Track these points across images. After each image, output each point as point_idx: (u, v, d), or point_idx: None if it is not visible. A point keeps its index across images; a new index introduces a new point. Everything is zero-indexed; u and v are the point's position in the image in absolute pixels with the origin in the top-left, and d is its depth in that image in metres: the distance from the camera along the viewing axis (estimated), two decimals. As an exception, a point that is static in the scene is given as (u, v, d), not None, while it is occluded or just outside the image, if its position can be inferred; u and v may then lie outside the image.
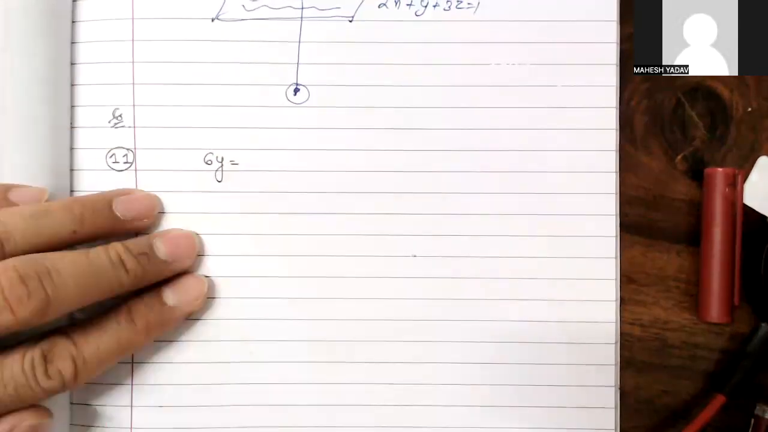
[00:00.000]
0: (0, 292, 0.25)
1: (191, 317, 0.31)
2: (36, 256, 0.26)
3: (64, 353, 0.27)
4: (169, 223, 0.31)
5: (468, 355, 0.31)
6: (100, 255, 0.27)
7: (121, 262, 0.28)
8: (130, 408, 0.31)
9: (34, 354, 0.26)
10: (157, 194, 0.31)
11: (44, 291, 0.25)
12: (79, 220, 0.28)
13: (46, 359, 0.26)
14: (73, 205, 0.28)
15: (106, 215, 0.29)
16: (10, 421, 0.26)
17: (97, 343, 0.27)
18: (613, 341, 0.31)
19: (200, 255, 0.31)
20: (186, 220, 0.31)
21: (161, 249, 0.29)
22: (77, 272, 0.26)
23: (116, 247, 0.28)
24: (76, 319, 0.29)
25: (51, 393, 0.27)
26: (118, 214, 0.29)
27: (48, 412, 0.28)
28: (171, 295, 0.30)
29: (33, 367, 0.26)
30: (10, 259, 0.26)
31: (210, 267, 0.31)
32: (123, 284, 0.28)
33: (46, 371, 0.26)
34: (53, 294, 0.25)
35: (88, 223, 0.28)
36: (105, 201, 0.29)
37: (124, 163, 0.31)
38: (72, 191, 0.31)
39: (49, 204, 0.28)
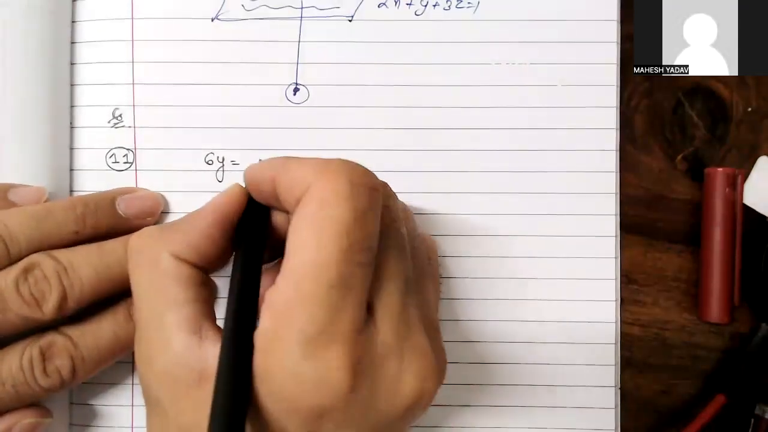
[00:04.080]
0: (26, 289, 0.25)
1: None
2: (51, 253, 0.26)
3: (62, 351, 0.27)
4: (169, 223, 0.31)
5: (468, 354, 0.31)
6: (115, 247, 0.27)
7: None
8: (131, 407, 0.31)
9: (32, 351, 0.26)
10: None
11: (62, 286, 0.26)
12: (81, 220, 0.28)
13: (44, 357, 0.26)
14: (76, 204, 0.28)
15: (109, 214, 0.29)
16: (9, 419, 0.26)
17: (95, 341, 0.27)
18: (613, 341, 0.31)
19: None
20: (186, 220, 0.31)
21: None
22: (91, 265, 0.27)
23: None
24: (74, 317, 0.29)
25: (50, 391, 0.27)
26: (121, 213, 0.29)
27: (48, 411, 0.28)
28: None
29: (32, 365, 0.26)
30: (31, 255, 0.26)
31: (210, 267, 0.31)
32: None
33: (44, 369, 0.26)
34: (69, 289, 0.26)
35: (90, 222, 0.28)
36: (108, 200, 0.29)
37: (124, 163, 0.31)
38: (72, 191, 0.31)
39: (51, 204, 0.28)
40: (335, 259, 0.21)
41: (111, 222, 0.29)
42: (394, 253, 0.24)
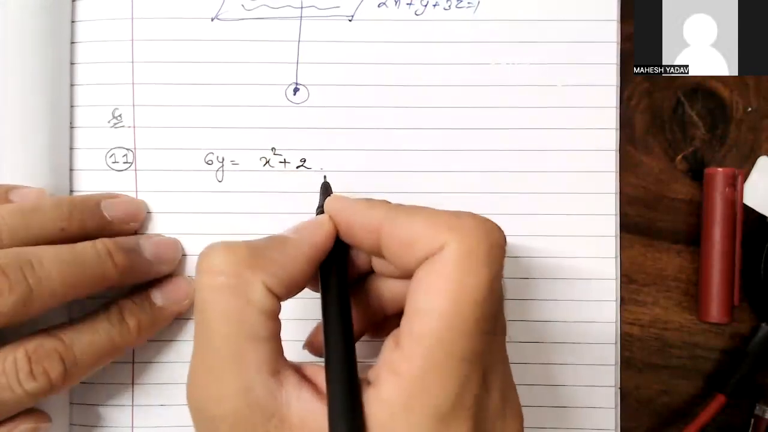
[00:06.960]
0: None
1: (191, 317, 0.31)
2: (18, 249, 0.26)
3: (51, 352, 0.26)
4: (169, 223, 0.31)
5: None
6: (86, 248, 0.27)
7: (109, 254, 0.27)
8: (131, 407, 0.31)
9: (16, 354, 0.25)
10: (158, 194, 0.31)
11: (26, 282, 0.25)
12: (67, 218, 0.28)
13: (30, 360, 0.25)
14: (62, 202, 0.28)
15: (95, 214, 0.29)
16: (3, 429, 0.26)
17: (89, 342, 0.27)
18: (613, 341, 0.31)
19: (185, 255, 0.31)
20: (186, 220, 0.31)
21: (147, 248, 0.29)
22: (61, 263, 0.26)
23: (105, 241, 0.28)
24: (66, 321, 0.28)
25: (36, 396, 0.25)
26: (106, 215, 0.29)
27: (47, 417, 0.27)
28: (159, 296, 0.30)
29: (15, 368, 0.25)
30: None
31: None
32: (110, 277, 0.27)
33: (30, 371, 0.25)
34: (36, 286, 0.25)
35: (77, 220, 0.28)
36: (93, 202, 0.29)
37: (124, 163, 0.31)
38: (72, 191, 0.31)
39: (39, 201, 0.28)
40: (470, 330, 0.20)
41: (96, 223, 0.29)
42: (501, 308, 0.23)
